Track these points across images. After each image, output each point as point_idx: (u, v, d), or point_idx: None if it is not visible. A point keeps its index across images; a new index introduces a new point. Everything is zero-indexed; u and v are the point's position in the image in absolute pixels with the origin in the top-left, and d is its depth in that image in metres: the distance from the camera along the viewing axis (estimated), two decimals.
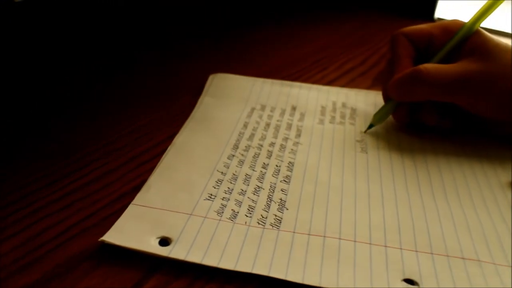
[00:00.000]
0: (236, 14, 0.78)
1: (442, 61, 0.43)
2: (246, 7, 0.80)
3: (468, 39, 0.43)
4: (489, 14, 0.42)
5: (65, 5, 0.60)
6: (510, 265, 0.31)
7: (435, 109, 0.43)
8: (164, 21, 0.71)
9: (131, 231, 0.31)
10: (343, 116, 0.47)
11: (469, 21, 0.43)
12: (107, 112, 0.46)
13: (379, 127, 0.46)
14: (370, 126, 0.45)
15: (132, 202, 0.34)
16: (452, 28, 0.44)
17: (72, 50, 0.59)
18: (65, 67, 0.55)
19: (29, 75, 0.53)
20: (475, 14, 0.43)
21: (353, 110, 0.49)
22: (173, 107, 0.47)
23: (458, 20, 0.44)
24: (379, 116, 0.45)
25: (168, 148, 0.40)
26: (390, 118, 0.46)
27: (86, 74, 0.54)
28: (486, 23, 0.44)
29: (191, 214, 0.33)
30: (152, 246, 0.30)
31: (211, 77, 0.53)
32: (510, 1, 0.76)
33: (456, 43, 0.43)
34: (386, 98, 0.46)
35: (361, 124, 0.46)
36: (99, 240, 0.30)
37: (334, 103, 0.49)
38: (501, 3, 0.42)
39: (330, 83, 0.55)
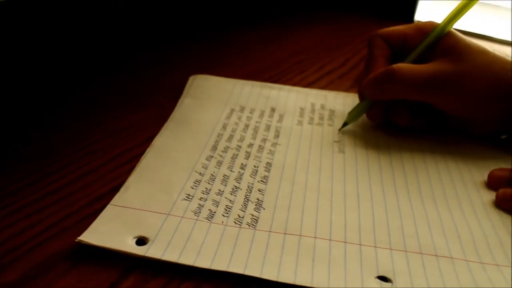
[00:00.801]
0: (219, 17, 0.78)
1: (416, 61, 0.44)
2: (228, 10, 0.80)
3: (440, 40, 0.44)
4: (461, 16, 0.43)
5: (45, 8, 0.60)
6: (482, 262, 0.32)
7: (407, 110, 0.44)
8: (147, 23, 0.71)
9: (108, 231, 0.31)
10: (321, 118, 0.48)
11: (442, 22, 0.44)
12: (90, 113, 0.46)
13: (357, 127, 0.46)
14: (345, 124, 0.46)
15: (110, 203, 0.34)
16: (426, 29, 0.45)
17: (54, 52, 0.59)
18: (47, 70, 0.55)
19: (10, 77, 0.53)
20: (447, 16, 0.44)
21: (332, 112, 0.49)
22: (155, 108, 0.48)
23: (433, 22, 0.45)
24: (353, 115, 0.46)
25: (147, 150, 0.40)
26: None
27: (69, 76, 0.54)
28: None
29: (168, 214, 0.33)
30: (129, 246, 0.30)
31: (191, 78, 0.53)
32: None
33: (429, 44, 0.44)
34: (361, 97, 0.46)
35: (340, 125, 0.46)
36: (76, 240, 0.30)
37: (313, 105, 0.50)
38: (473, 5, 0.43)
39: (310, 84, 0.55)
